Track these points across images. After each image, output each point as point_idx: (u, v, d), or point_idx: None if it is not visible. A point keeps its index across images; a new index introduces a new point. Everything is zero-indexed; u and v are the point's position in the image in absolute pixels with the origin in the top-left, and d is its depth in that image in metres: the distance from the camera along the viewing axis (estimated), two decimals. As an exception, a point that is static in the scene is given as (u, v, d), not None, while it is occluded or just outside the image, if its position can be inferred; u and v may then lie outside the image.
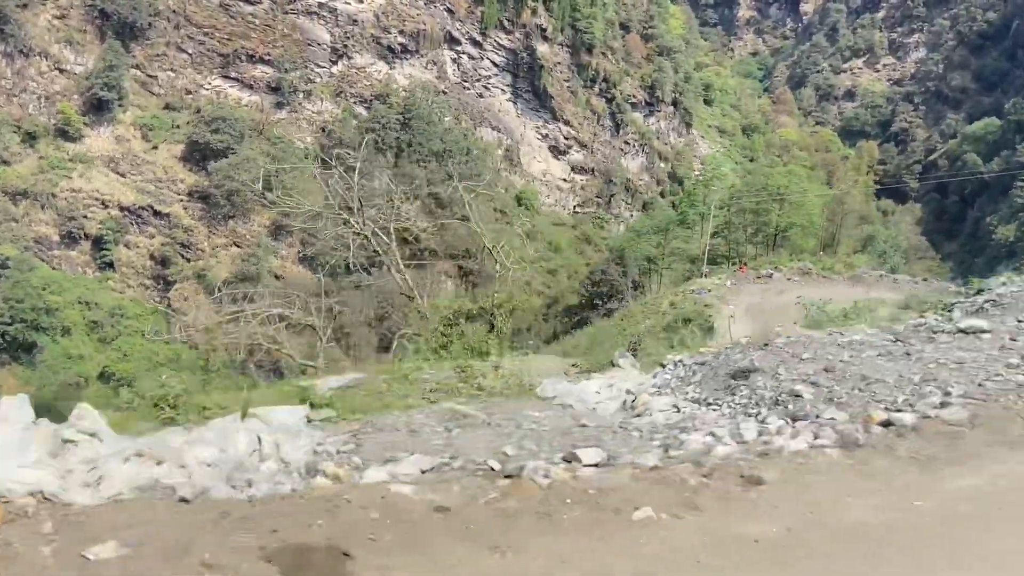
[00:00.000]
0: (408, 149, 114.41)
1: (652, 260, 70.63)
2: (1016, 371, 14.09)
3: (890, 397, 13.22)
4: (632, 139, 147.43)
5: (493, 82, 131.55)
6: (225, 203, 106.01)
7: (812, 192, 74.73)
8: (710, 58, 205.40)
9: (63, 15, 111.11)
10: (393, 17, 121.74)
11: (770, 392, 14.94)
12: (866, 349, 17.74)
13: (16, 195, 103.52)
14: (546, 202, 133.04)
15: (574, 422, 15.17)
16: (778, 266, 55.12)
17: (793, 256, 62.54)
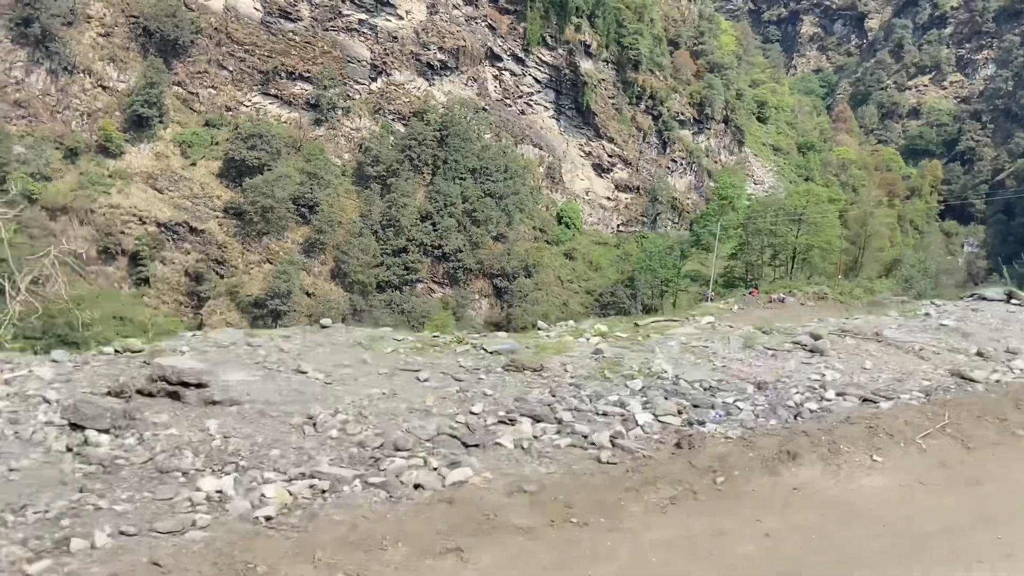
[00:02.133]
0: (444, 166, 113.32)
1: (667, 282, 67.92)
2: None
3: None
4: (679, 157, 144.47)
5: (536, 99, 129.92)
6: (259, 219, 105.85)
7: (831, 212, 71.25)
8: (767, 75, 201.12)
9: (107, 33, 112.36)
10: (433, 34, 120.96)
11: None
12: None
13: (56, 211, 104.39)
14: (588, 220, 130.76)
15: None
16: (793, 290, 52.11)
17: (811, 280, 59.45)
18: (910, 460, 11.48)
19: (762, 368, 15.84)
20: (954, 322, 21.75)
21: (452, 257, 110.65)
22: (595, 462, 10.61)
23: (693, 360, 16.17)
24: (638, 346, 16.96)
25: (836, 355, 17.25)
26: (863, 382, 14.90)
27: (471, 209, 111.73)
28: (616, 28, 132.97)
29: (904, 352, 17.80)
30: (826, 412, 12.95)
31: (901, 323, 21.63)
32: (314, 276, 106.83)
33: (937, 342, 18.87)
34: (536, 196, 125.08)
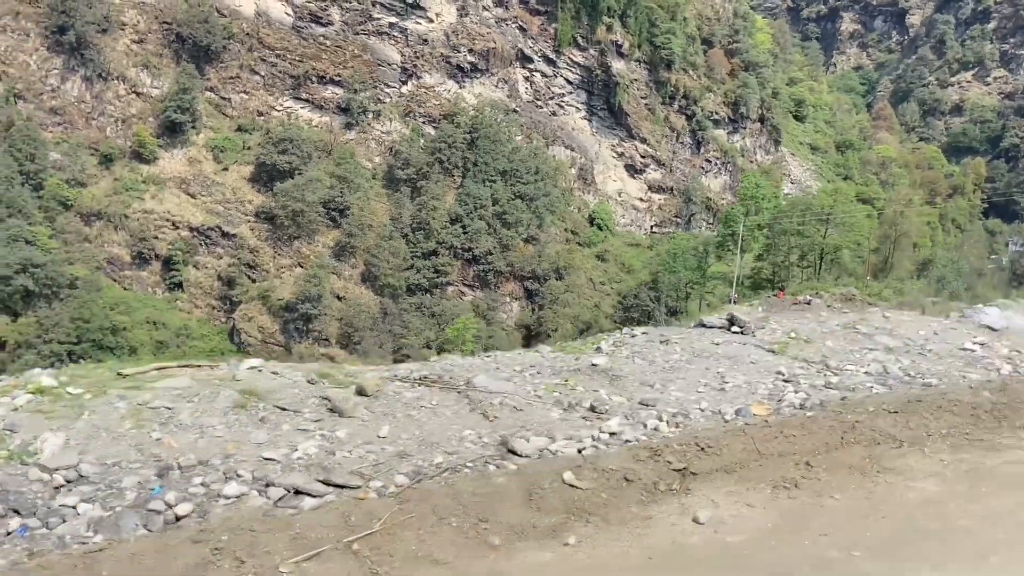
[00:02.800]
0: (474, 168, 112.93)
1: (692, 284, 66.75)
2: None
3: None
4: (714, 157, 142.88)
5: (567, 100, 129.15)
6: (290, 224, 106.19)
7: (860, 211, 69.58)
8: (804, 73, 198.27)
9: (141, 40, 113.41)
10: (463, 36, 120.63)
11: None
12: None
13: (90, 216, 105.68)
14: (621, 222, 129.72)
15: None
16: (820, 292, 50.73)
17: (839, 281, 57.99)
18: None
19: (218, 442, 12.78)
20: (609, 361, 18.96)
21: (482, 260, 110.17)
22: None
23: (124, 432, 13.03)
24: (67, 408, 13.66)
25: (367, 416, 14.20)
26: (333, 464, 12.09)
27: (501, 211, 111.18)
28: (648, 27, 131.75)
29: (471, 410, 14.69)
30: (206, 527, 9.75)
31: (517, 368, 18.18)
32: (344, 280, 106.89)
33: (544, 392, 15.78)
34: (568, 198, 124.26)
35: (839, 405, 15.14)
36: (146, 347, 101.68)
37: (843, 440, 13.06)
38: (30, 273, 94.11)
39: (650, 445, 12.48)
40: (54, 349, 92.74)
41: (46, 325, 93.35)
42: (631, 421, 14.43)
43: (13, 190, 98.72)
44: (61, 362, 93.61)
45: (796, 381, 17.41)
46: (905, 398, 15.50)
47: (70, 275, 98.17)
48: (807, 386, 17.12)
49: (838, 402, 15.50)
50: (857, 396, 15.95)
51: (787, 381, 17.42)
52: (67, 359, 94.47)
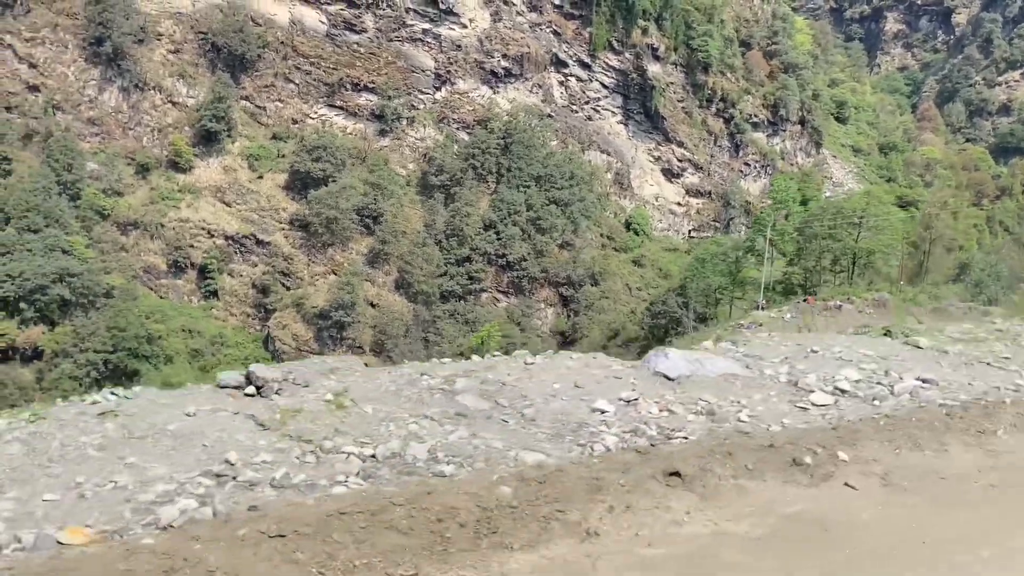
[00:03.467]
0: (508, 174, 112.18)
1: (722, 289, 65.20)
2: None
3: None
4: (753, 160, 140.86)
5: (603, 104, 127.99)
6: (324, 231, 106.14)
7: (893, 214, 67.50)
8: (847, 74, 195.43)
9: (177, 50, 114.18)
10: (496, 41, 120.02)
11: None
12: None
13: (127, 225, 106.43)
14: (658, 227, 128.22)
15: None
16: (851, 297, 49.36)
17: (871, 286, 56.29)
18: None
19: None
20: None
21: (516, 266, 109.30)
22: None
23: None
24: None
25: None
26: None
27: (536, 217, 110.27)
28: (685, 30, 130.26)
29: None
30: None
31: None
32: (378, 287, 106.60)
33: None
34: (604, 203, 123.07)
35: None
36: (181, 355, 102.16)
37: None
38: (67, 282, 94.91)
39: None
40: (90, 358, 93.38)
41: (82, 334, 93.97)
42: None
43: (50, 200, 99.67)
44: (97, 371, 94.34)
45: (241, 475, 10.74)
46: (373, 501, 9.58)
47: (106, 284, 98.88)
48: (245, 486, 10.52)
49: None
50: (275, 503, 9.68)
51: (220, 476, 10.77)
52: (103, 368, 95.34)
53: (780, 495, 10.43)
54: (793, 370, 15.73)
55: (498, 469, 10.82)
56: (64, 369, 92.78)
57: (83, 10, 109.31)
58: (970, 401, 14.21)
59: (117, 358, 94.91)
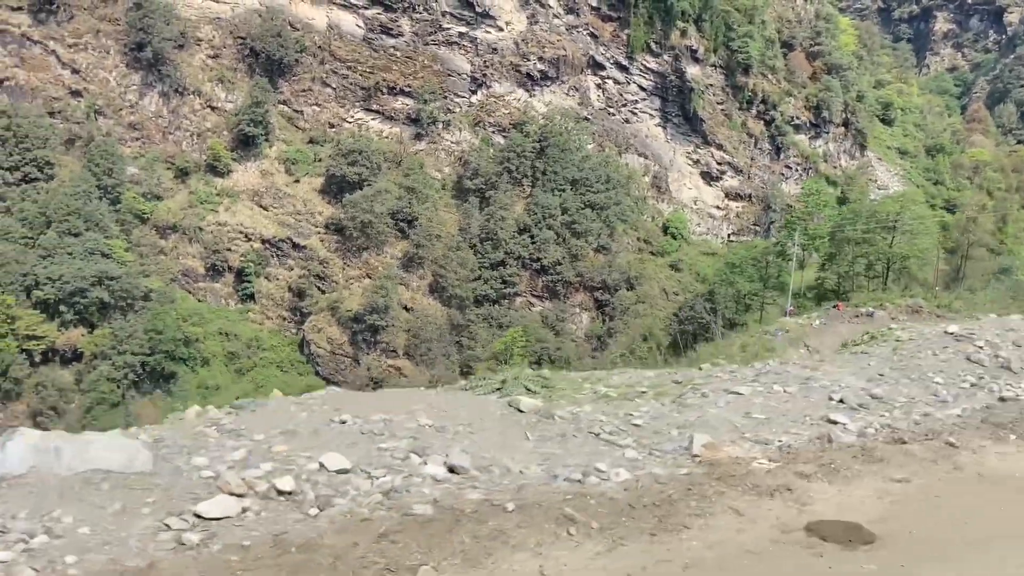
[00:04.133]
0: (543, 177, 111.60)
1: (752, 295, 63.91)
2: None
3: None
4: (795, 163, 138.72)
5: (640, 107, 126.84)
6: (359, 235, 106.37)
7: (928, 219, 65.66)
8: (893, 75, 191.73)
9: (216, 54, 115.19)
10: (533, 44, 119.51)
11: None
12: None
13: (166, 229, 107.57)
14: (696, 230, 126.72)
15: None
16: (884, 303, 47.98)
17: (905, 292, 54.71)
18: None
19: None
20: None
21: (551, 270, 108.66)
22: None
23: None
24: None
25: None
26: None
27: (571, 221, 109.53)
28: (725, 32, 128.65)
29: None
30: None
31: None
32: (412, 291, 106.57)
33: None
34: (641, 206, 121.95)
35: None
36: (218, 358, 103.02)
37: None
38: (106, 285, 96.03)
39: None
40: (128, 360, 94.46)
41: (120, 336, 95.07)
42: None
43: (91, 204, 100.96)
44: (135, 373, 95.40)
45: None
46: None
47: (145, 287, 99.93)
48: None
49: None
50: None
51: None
52: (141, 370, 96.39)
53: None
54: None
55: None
56: (102, 371, 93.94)
57: (124, 16, 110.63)
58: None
59: (154, 360, 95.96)
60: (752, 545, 9.86)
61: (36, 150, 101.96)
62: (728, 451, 12.51)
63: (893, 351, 21.32)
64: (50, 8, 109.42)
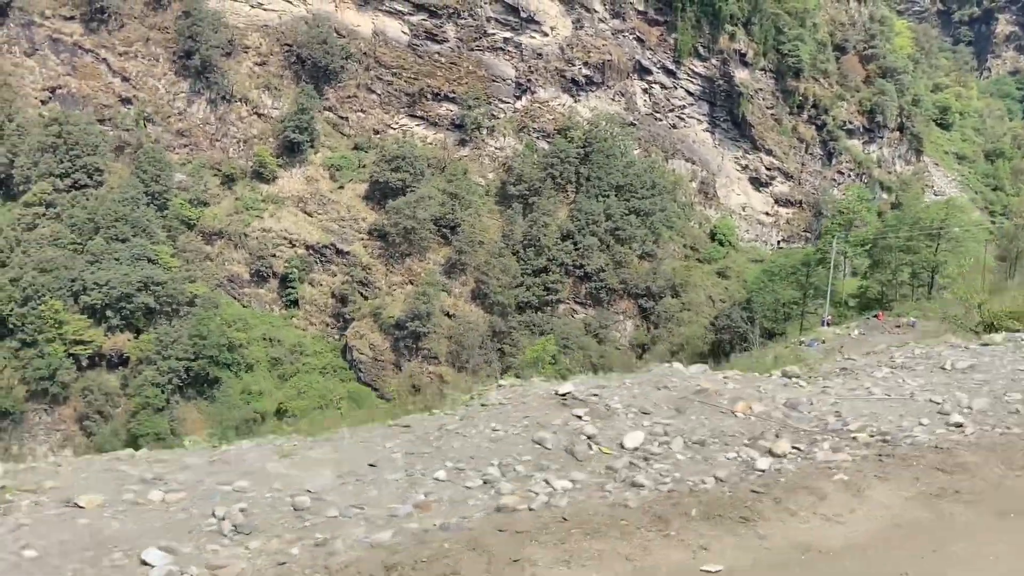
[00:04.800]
0: (587, 183, 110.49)
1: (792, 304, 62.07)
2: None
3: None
4: (847, 168, 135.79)
5: (688, 112, 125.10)
6: (402, 241, 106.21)
7: (976, 226, 63.23)
8: (951, 79, 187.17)
9: (263, 62, 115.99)
10: (578, 49, 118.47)
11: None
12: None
13: (212, 235, 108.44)
14: (745, 237, 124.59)
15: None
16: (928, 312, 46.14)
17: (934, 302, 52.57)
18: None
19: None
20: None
21: (594, 277, 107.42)
22: None
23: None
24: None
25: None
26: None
27: (615, 227, 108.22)
28: (775, 35, 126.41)
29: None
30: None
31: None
32: (455, 297, 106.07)
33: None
34: (688, 212, 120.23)
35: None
36: (262, 363, 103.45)
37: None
38: (151, 291, 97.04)
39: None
40: (172, 365, 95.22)
41: (165, 342, 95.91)
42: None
43: (139, 210, 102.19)
44: (179, 378, 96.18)
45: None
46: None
47: (190, 292, 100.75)
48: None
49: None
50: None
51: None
52: (185, 375, 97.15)
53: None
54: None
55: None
56: (147, 376, 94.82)
57: (174, 24, 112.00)
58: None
59: (198, 365, 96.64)
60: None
61: (86, 157, 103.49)
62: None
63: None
64: (102, 17, 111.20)
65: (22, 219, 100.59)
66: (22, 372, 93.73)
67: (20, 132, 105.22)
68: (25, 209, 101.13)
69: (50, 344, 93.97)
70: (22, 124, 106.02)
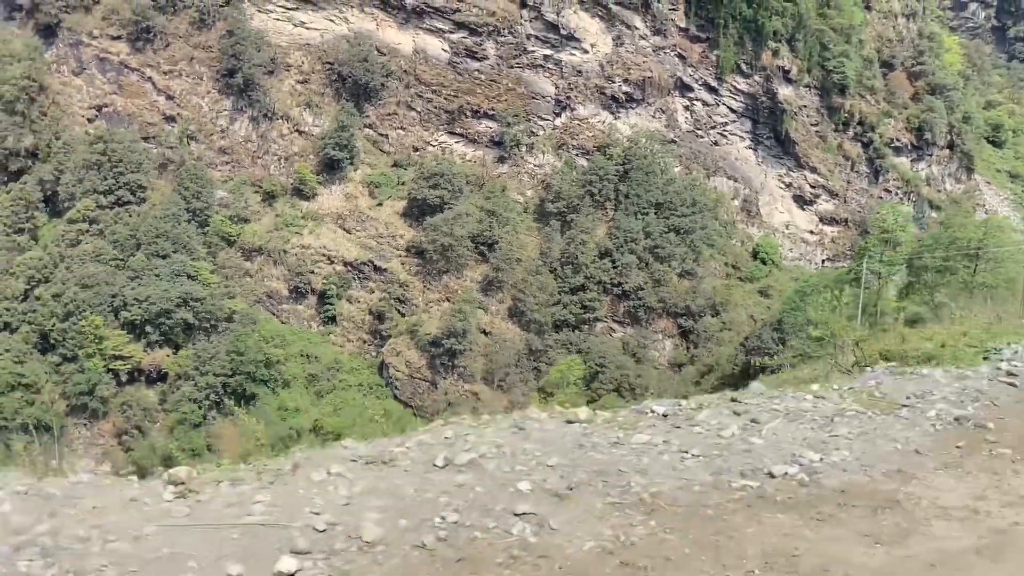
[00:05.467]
0: (626, 201, 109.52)
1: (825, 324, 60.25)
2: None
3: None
4: (894, 186, 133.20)
5: (730, 129, 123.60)
6: (439, 258, 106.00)
7: (1016, 245, 60.94)
8: (1005, 95, 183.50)
9: (305, 80, 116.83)
10: (618, 66, 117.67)
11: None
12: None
13: (251, 251, 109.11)
14: (788, 256, 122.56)
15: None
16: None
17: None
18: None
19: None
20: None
21: (633, 295, 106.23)
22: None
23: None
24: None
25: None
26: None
27: (654, 245, 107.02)
28: (819, 51, 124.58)
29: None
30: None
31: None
32: (491, 315, 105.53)
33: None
34: (730, 231, 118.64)
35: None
36: (299, 380, 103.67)
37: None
38: (190, 307, 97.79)
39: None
40: (210, 381, 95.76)
41: (203, 358, 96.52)
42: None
43: (179, 227, 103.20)
44: (216, 394, 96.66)
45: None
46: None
47: (228, 309, 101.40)
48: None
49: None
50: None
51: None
52: (222, 391, 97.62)
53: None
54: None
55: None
56: (185, 392, 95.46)
57: (218, 43, 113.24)
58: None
59: (236, 382, 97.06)
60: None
61: (129, 174, 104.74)
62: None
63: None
64: (147, 37, 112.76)
65: (66, 235, 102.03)
66: (63, 387, 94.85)
67: (66, 150, 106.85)
68: (69, 226, 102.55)
69: (90, 359, 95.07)
70: (68, 142, 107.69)
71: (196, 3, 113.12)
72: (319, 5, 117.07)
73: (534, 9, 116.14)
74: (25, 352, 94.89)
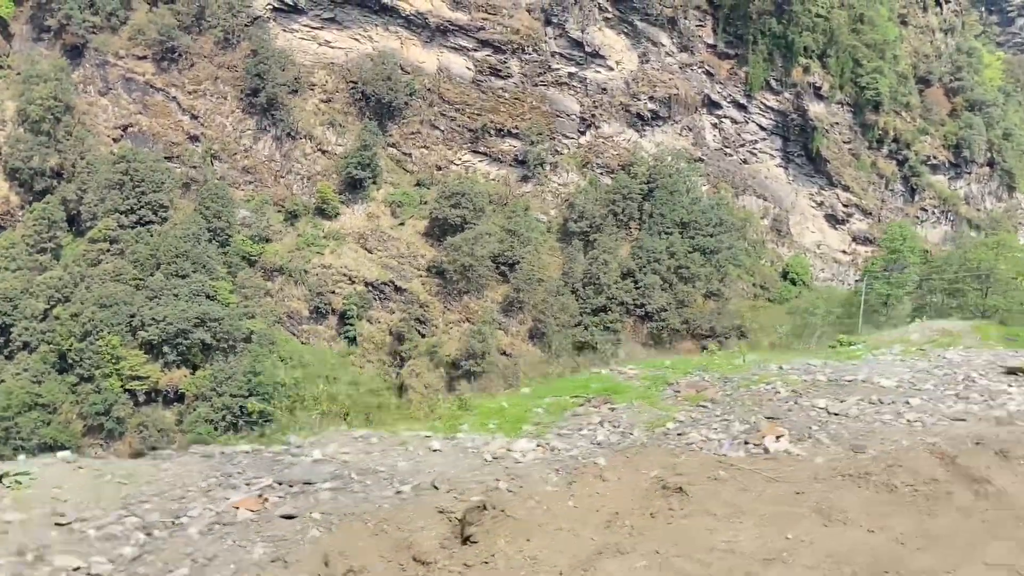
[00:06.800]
0: (650, 220, 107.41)
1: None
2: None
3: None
4: (931, 205, 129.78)
5: (760, 147, 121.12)
6: (459, 278, 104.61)
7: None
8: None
9: (328, 99, 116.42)
10: (644, 83, 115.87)
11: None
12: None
13: (272, 271, 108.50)
14: (820, 276, 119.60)
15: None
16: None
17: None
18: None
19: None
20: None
21: (655, 316, 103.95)
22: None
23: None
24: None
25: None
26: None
27: (678, 265, 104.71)
28: (852, 67, 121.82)
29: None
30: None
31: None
32: (512, 336, 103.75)
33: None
34: (759, 250, 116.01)
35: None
36: (318, 401, 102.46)
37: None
38: (208, 327, 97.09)
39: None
40: (226, 402, 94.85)
41: (220, 378, 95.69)
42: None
43: (200, 246, 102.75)
44: (232, 414, 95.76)
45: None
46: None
47: (246, 329, 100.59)
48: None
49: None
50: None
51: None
52: (239, 411, 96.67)
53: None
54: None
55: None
56: (201, 412, 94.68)
57: (242, 63, 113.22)
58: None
59: (251, 404, 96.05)
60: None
61: (151, 193, 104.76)
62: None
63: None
64: (172, 57, 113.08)
65: (87, 255, 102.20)
66: (79, 407, 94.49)
67: (90, 169, 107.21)
68: (90, 245, 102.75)
69: (107, 379, 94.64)
70: (92, 161, 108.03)
71: (221, 23, 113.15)
72: (344, 24, 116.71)
73: (559, 26, 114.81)
74: (43, 372, 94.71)
